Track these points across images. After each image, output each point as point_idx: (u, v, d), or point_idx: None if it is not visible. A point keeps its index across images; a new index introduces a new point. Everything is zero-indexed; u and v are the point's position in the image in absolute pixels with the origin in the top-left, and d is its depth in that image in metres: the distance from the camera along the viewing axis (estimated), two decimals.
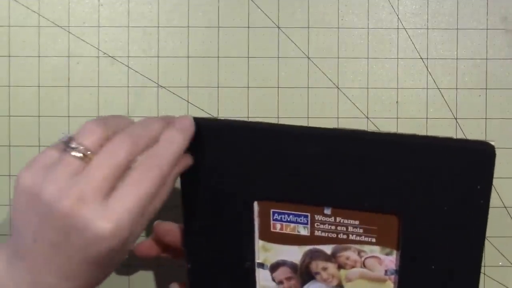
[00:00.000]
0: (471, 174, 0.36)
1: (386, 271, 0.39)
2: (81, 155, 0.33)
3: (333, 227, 0.39)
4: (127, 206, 0.33)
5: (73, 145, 0.34)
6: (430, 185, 0.37)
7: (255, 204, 0.40)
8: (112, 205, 0.33)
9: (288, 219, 0.40)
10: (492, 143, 0.36)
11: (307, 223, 0.39)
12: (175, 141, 0.36)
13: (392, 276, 0.39)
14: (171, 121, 0.37)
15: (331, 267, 0.40)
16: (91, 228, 0.32)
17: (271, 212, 0.40)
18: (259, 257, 0.41)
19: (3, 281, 0.34)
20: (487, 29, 0.48)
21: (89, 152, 0.34)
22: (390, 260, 0.39)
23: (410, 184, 0.37)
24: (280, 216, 0.40)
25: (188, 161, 0.38)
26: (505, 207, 0.48)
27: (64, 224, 0.32)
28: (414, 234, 0.38)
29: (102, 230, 0.32)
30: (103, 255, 0.33)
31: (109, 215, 0.32)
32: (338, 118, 0.47)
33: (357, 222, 0.39)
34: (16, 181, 0.34)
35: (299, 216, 0.39)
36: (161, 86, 0.48)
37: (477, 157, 0.36)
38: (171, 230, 0.43)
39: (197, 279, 0.42)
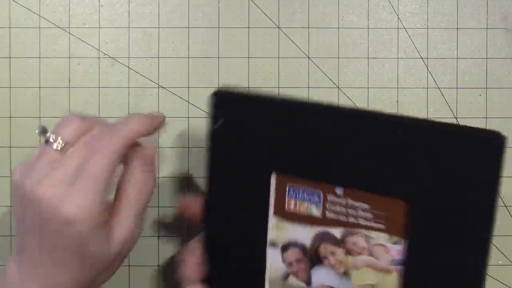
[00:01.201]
0: (480, 164, 0.36)
1: (392, 260, 0.39)
2: (57, 146, 0.36)
3: (343, 209, 0.39)
4: (87, 190, 0.35)
5: (51, 138, 0.36)
6: (440, 172, 0.36)
7: (273, 176, 0.40)
8: (76, 190, 0.35)
9: (302, 197, 0.40)
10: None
11: (319, 202, 0.39)
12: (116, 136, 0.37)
13: (398, 267, 0.39)
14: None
15: (339, 252, 0.40)
16: (60, 213, 0.34)
17: (287, 188, 0.40)
18: (272, 236, 0.41)
19: (11, 272, 0.37)
20: (487, 28, 0.48)
21: (66, 143, 0.36)
22: (397, 249, 0.39)
23: (422, 169, 0.37)
24: (295, 193, 0.40)
25: (160, 120, 0.40)
26: (505, 206, 0.48)
27: (40, 211, 0.35)
28: (422, 223, 0.37)
29: (69, 214, 0.34)
30: (78, 242, 0.35)
31: (73, 200, 0.35)
32: None
33: (367, 206, 0.39)
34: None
35: (313, 194, 0.40)
36: (162, 87, 0.48)
37: (485, 147, 0.35)
38: (192, 203, 0.43)
39: (211, 252, 0.43)
